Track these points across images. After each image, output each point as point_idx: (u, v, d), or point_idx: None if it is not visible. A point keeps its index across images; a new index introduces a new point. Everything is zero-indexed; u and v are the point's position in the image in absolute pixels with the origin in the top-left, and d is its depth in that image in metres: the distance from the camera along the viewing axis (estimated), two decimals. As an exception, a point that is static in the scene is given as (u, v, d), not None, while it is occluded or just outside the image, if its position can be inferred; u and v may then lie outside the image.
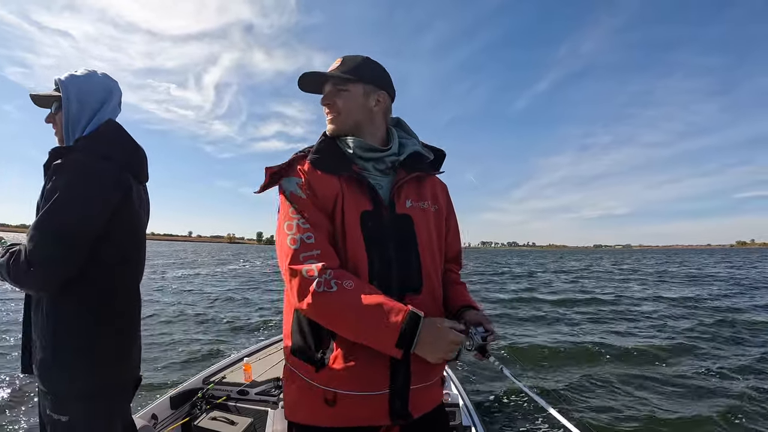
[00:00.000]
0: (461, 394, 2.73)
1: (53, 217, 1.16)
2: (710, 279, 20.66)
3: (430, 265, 1.19)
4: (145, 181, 1.49)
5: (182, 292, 13.56)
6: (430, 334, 0.99)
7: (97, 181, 1.23)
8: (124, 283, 1.37)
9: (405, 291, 1.12)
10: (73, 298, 1.24)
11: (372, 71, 1.21)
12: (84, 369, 1.25)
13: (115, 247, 1.30)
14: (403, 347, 0.97)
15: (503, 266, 37.23)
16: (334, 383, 1.08)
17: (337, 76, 1.17)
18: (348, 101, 1.18)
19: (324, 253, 1.04)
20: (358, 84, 1.18)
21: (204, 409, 2.68)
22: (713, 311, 10.41)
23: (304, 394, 1.12)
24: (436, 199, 1.28)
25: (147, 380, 4.69)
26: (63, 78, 1.32)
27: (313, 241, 1.05)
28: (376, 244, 1.10)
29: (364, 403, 1.07)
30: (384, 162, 1.20)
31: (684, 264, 36.87)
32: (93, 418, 1.27)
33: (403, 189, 1.18)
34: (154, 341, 6.82)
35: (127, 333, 1.38)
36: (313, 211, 1.09)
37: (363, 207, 1.11)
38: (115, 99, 1.41)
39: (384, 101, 1.23)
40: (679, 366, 5.76)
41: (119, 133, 1.38)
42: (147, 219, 1.53)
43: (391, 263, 1.11)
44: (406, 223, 1.16)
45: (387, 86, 1.24)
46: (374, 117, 1.22)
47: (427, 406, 1.18)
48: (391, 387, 1.08)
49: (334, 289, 0.99)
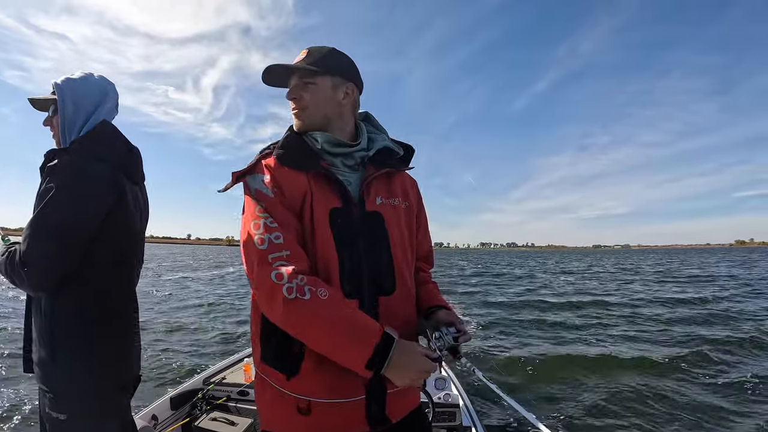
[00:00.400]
0: (461, 394, 2.73)
1: (47, 218, 1.17)
2: (727, 279, 19.95)
3: (403, 263, 1.15)
4: (140, 181, 1.50)
5: (182, 293, 13.55)
6: (401, 359, 0.93)
7: (91, 181, 1.24)
8: (121, 284, 1.38)
9: (378, 292, 1.08)
10: (70, 298, 1.26)
11: (339, 62, 1.16)
12: (82, 368, 1.26)
13: (110, 248, 1.31)
14: (373, 369, 0.92)
15: (505, 266, 37.18)
16: (308, 391, 1.03)
17: (304, 68, 1.11)
18: (315, 95, 1.13)
19: (293, 254, 0.99)
20: (325, 76, 1.13)
21: (204, 409, 2.68)
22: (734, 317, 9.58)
23: (277, 403, 1.07)
24: (407, 196, 1.24)
25: (147, 381, 4.71)
26: (59, 81, 1.34)
27: (282, 242, 0.99)
28: (347, 242, 1.06)
29: (339, 410, 1.03)
30: (353, 157, 1.16)
31: (702, 265, 35.65)
32: (91, 417, 1.28)
33: (372, 185, 1.15)
34: (154, 342, 6.83)
35: (124, 333, 1.39)
36: (281, 209, 1.03)
37: (332, 204, 1.07)
38: (110, 101, 1.42)
39: (352, 94, 1.18)
40: (695, 378, 5.29)
41: (113, 135, 1.39)
42: (146, 219, 1.54)
43: (362, 262, 1.07)
44: (377, 220, 1.12)
45: (355, 78, 1.19)
46: (343, 111, 1.17)
47: (404, 410, 1.14)
48: (367, 392, 1.04)
49: (306, 296, 0.92)
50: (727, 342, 6.97)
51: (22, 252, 1.18)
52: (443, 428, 2.54)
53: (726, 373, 5.41)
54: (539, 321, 9.51)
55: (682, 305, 11.45)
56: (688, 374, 5.39)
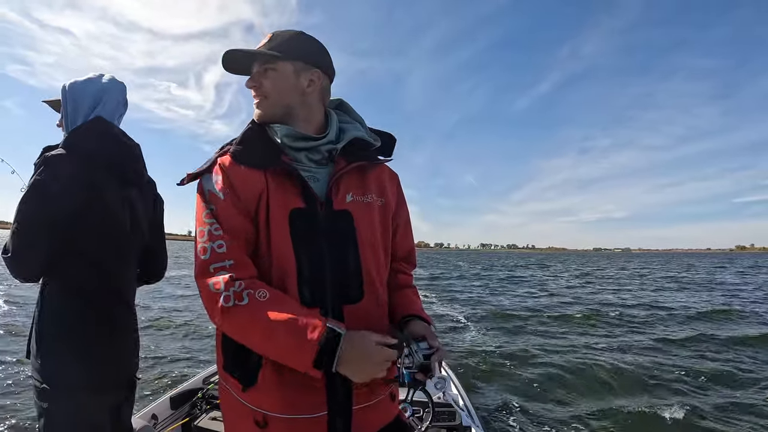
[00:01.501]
0: (461, 394, 2.73)
1: (18, 213, 1.24)
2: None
3: (373, 266, 1.05)
4: (138, 180, 1.50)
5: (182, 293, 13.51)
6: (354, 352, 0.86)
7: (59, 178, 1.26)
8: (106, 280, 1.38)
9: (342, 299, 1.00)
10: (55, 290, 1.31)
11: (304, 46, 1.06)
12: (65, 361, 1.28)
13: (89, 245, 1.33)
14: (322, 367, 0.86)
15: (504, 269, 37.06)
16: (264, 404, 0.96)
17: (263, 53, 1.02)
18: (276, 82, 1.03)
19: (237, 263, 0.93)
20: (287, 62, 1.03)
21: (204, 409, 2.67)
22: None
23: (236, 413, 1.01)
24: (383, 192, 1.13)
25: (147, 380, 4.71)
26: (66, 84, 1.42)
27: (225, 251, 0.93)
28: (306, 244, 0.98)
29: (298, 427, 0.96)
30: (319, 151, 1.05)
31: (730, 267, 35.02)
32: (73, 411, 1.29)
33: (342, 181, 1.04)
34: (154, 342, 6.82)
35: (111, 333, 1.39)
36: (231, 214, 0.96)
37: (293, 204, 0.98)
38: (111, 100, 1.44)
39: (319, 81, 1.07)
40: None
41: (101, 131, 1.39)
42: (145, 216, 1.54)
43: (325, 265, 0.99)
44: (345, 219, 1.03)
45: (322, 64, 1.08)
46: (307, 99, 1.06)
47: (375, 426, 1.05)
48: (329, 408, 0.97)
49: (245, 301, 0.88)
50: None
51: (6, 243, 1.25)
52: (443, 428, 2.54)
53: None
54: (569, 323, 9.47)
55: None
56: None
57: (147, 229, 1.57)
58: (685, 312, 10.86)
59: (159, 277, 1.72)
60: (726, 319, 9.91)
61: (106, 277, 1.39)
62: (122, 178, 1.43)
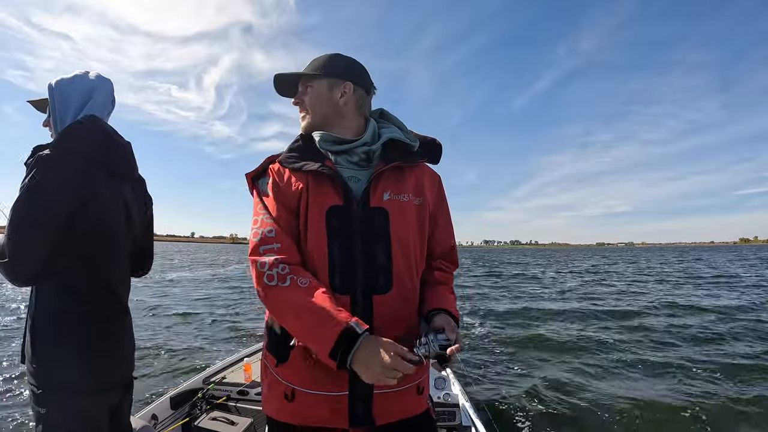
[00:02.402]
0: (461, 394, 2.72)
1: (12, 214, 1.21)
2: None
3: (403, 261, 1.13)
4: (129, 177, 1.49)
5: (182, 293, 13.57)
6: (367, 355, 0.92)
7: (53, 178, 1.24)
8: (101, 279, 1.36)
9: (371, 290, 1.09)
10: (47, 293, 1.28)
11: (335, 64, 1.20)
12: (62, 364, 1.27)
13: (83, 244, 1.30)
14: (336, 359, 0.93)
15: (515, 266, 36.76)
16: (293, 379, 1.09)
17: (303, 74, 1.20)
18: (312, 97, 1.19)
19: (283, 247, 1.06)
20: (321, 79, 1.19)
21: (204, 409, 2.68)
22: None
23: (272, 388, 1.14)
24: (422, 191, 1.20)
25: (147, 380, 4.73)
26: (52, 82, 1.38)
27: (274, 235, 1.07)
28: (340, 238, 1.08)
29: (320, 402, 1.06)
30: (356, 153, 1.16)
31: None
32: (72, 414, 1.27)
33: (381, 181, 1.14)
34: (154, 342, 6.85)
35: (108, 331, 1.38)
36: (278, 207, 1.11)
37: (331, 202, 1.10)
38: (100, 96, 1.42)
39: (350, 92, 1.19)
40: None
41: (93, 128, 1.37)
42: (138, 215, 1.53)
43: (356, 257, 1.08)
44: (380, 216, 1.11)
45: (354, 77, 1.20)
46: (342, 110, 1.19)
47: (397, 414, 1.11)
48: (350, 389, 1.05)
49: (287, 283, 1.00)
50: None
51: (1, 247, 1.22)
52: (443, 428, 2.54)
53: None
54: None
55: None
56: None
57: (140, 227, 1.56)
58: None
59: (145, 272, 1.69)
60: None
61: (102, 277, 1.36)
62: (117, 176, 1.41)
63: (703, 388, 4.82)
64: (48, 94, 1.38)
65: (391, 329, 1.07)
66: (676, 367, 5.58)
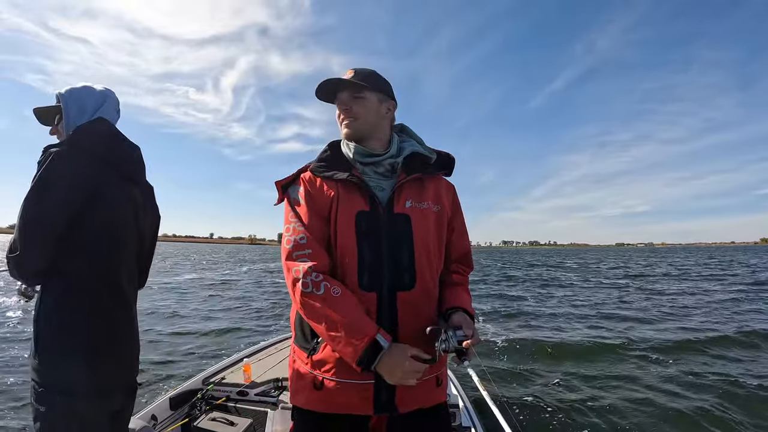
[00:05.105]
0: (461, 394, 2.70)
1: (22, 208, 1.24)
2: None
3: (425, 262, 1.22)
4: (136, 179, 1.50)
5: (183, 293, 13.70)
6: (390, 361, 1.05)
7: (58, 178, 1.26)
8: (107, 279, 1.36)
9: (396, 287, 1.18)
10: (53, 290, 1.30)
11: (380, 81, 1.31)
12: (62, 363, 1.26)
13: (89, 241, 1.31)
14: (362, 366, 1.06)
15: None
16: (322, 370, 1.17)
17: (356, 83, 1.26)
18: (364, 108, 1.27)
19: (315, 253, 1.15)
20: (372, 92, 1.27)
21: (203, 409, 2.69)
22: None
23: (300, 379, 1.22)
24: (440, 200, 1.31)
25: (147, 381, 4.76)
26: (62, 91, 1.44)
27: (306, 242, 1.17)
28: (368, 239, 1.17)
29: (348, 390, 1.14)
30: (383, 165, 1.27)
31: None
32: (68, 416, 1.26)
33: (404, 190, 1.24)
34: (153, 342, 6.89)
35: (111, 332, 1.37)
36: (310, 215, 1.20)
37: (359, 208, 1.19)
38: (110, 104, 1.48)
39: (393, 110, 1.34)
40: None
41: (103, 129, 1.41)
42: (145, 218, 1.53)
43: (383, 257, 1.17)
44: (403, 221, 1.21)
45: (394, 97, 1.35)
46: (383, 123, 1.31)
47: (418, 403, 1.20)
48: (377, 377, 1.12)
49: (321, 291, 1.09)
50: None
51: (13, 241, 1.26)
52: None
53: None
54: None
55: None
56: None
57: (148, 230, 1.56)
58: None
59: (141, 285, 1.63)
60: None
61: (107, 277, 1.37)
62: (125, 177, 1.43)
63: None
64: (61, 102, 1.42)
65: (413, 323, 1.18)
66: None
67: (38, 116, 1.51)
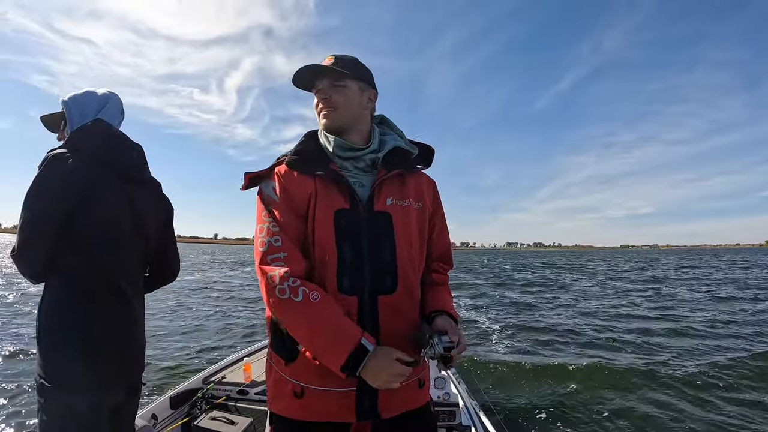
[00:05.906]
0: (461, 394, 2.68)
1: (22, 208, 1.28)
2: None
3: (407, 261, 1.17)
4: (135, 178, 1.51)
5: (183, 293, 13.71)
6: (375, 365, 1.01)
7: (52, 177, 1.30)
8: (104, 278, 1.37)
9: (378, 290, 1.12)
10: (52, 288, 1.33)
11: (362, 69, 1.23)
12: (62, 358, 1.29)
13: (87, 239, 1.33)
14: (347, 372, 1.01)
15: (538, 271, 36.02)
16: (302, 377, 1.11)
17: (336, 70, 1.17)
18: (345, 97, 1.18)
19: (290, 256, 1.07)
20: (354, 80, 1.19)
21: (204, 409, 2.70)
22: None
23: (279, 386, 1.16)
24: (421, 197, 1.26)
25: (147, 380, 4.76)
26: (66, 98, 1.48)
27: (280, 245, 1.08)
28: (348, 238, 1.11)
29: (330, 398, 1.09)
30: (363, 160, 1.20)
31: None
32: (68, 409, 1.29)
33: (384, 187, 1.18)
34: (154, 342, 6.89)
35: (110, 330, 1.37)
36: (285, 213, 1.11)
37: (338, 205, 1.12)
38: (112, 106, 1.52)
39: (374, 100, 1.26)
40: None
41: (100, 130, 1.43)
42: (149, 216, 1.54)
43: (364, 258, 1.11)
44: (384, 219, 1.15)
45: (375, 86, 1.27)
46: (364, 114, 1.23)
47: (401, 407, 1.16)
48: (358, 384, 1.08)
49: (299, 298, 1.02)
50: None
51: (16, 241, 1.30)
52: (443, 428, 2.51)
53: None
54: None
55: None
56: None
57: (153, 229, 1.56)
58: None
59: (171, 279, 1.71)
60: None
61: (105, 276, 1.38)
62: (122, 176, 1.44)
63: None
64: (65, 108, 1.47)
65: (395, 326, 1.13)
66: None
67: (45, 123, 1.57)
